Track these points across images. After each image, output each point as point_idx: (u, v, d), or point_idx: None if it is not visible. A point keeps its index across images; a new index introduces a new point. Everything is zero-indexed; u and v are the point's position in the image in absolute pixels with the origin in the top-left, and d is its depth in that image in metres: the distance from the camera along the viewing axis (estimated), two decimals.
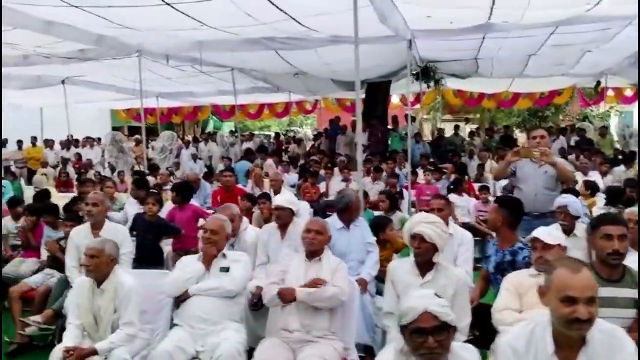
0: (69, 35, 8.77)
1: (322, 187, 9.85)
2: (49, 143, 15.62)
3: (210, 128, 28.44)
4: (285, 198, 4.82)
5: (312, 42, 9.47)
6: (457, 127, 16.51)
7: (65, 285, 5.01)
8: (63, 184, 10.94)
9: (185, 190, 6.28)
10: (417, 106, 19.27)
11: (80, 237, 4.95)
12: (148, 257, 5.33)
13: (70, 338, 3.59)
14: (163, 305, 4.01)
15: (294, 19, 7.60)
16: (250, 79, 15.05)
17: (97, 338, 3.65)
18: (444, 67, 13.12)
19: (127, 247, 4.99)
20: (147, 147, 13.11)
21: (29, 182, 12.28)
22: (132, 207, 7.03)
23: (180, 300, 3.80)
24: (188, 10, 7.06)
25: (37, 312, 5.06)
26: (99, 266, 3.67)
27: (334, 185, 9.88)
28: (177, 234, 5.70)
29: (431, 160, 12.63)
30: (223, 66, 13.11)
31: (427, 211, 4.36)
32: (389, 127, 14.88)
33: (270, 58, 11.15)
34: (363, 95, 16.14)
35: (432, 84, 13.56)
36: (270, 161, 12.01)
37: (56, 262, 5.32)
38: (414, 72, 13.45)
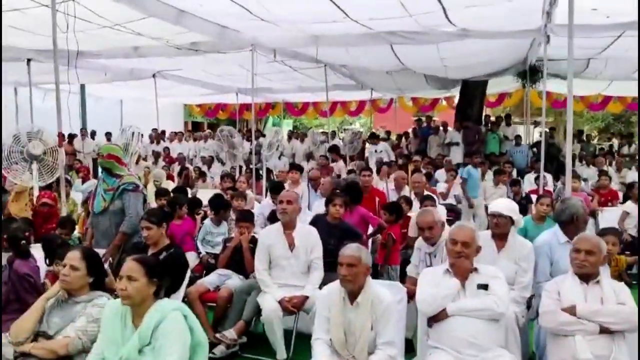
0: (195, 26, 8.52)
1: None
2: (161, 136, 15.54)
3: (269, 125, 28.24)
4: (505, 204, 4.33)
5: (436, 36, 9.02)
6: (552, 130, 15.79)
7: (250, 289, 4.68)
8: (169, 178, 10.70)
9: (355, 192, 5.86)
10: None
11: (271, 237, 4.60)
12: (330, 263, 4.92)
13: (322, 356, 3.22)
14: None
15: (444, 9, 7.15)
16: (338, 75, 14.69)
17: (346, 355, 3.27)
18: (552, 67, 12.44)
19: (318, 251, 4.62)
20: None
21: None
22: (266, 207, 6.72)
23: (435, 320, 3.38)
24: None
25: (218, 318, 4.73)
26: (357, 276, 3.29)
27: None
28: (359, 239, 5.24)
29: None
30: (319, 61, 12.73)
31: None
32: (487, 128, 14.24)
33: (375, 53, 10.74)
34: (456, 94, 15.68)
35: (537, 84, 12.99)
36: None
37: (234, 262, 4.99)
38: (519, 71, 12.94)
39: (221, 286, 4.88)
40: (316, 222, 5.14)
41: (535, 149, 13.09)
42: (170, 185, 8.90)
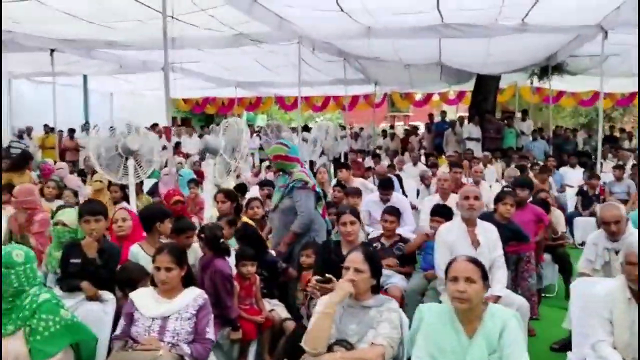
0: (259, 16, 8.20)
1: None
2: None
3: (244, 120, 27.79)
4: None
5: (494, 30, 9.04)
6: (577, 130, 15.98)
7: (423, 290, 4.50)
8: (199, 175, 10.25)
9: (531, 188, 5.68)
10: None
11: (453, 235, 4.41)
12: None
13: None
14: None
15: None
16: (352, 70, 14.57)
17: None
18: (573, 63, 12.76)
19: (500, 249, 4.46)
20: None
21: None
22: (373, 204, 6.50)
23: None
24: None
25: None
26: None
27: None
28: (526, 241, 5.10)
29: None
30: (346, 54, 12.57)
31: None
32: (504, 122, 14.42)
33: (413, 46, 10.68)
34: (470, 88, 15.79)
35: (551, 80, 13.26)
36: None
37: None
38: (540, 67, 13.16)
39: (386, 286, 4.67)
40: (482, 219, 4.98)
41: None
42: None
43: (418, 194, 8.78)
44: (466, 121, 14.42)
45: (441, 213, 4.98)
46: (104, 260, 3.55)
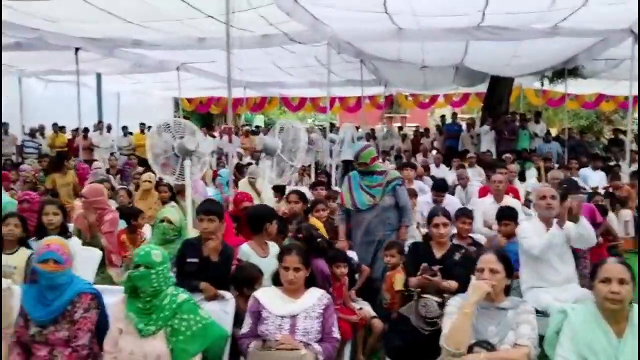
0: (297, 16, 8.21)
1: None
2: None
3: (242, 121, 27.71)
4: None
5: (524, 33, 9.13)
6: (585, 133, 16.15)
7: None
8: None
9: None
10: None
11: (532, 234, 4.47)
12: None
13: None
14: None
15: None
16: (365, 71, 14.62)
17: None
18: (588, 66, 12.91)
19: None
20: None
21: None
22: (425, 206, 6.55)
23: None
24: None
25: None
26: None
27: None
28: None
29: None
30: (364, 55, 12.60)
31: None
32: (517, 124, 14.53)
33: (438, 48, 10.75)
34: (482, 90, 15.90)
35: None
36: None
37: None
38: (555, 70, 13.30)
39: None
40: None
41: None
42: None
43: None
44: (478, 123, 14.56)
45: (509, 216, 5.05)
46: (222, 259, 3.55)
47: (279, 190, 7.00)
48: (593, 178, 10.60)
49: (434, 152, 14.40)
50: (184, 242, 3.71)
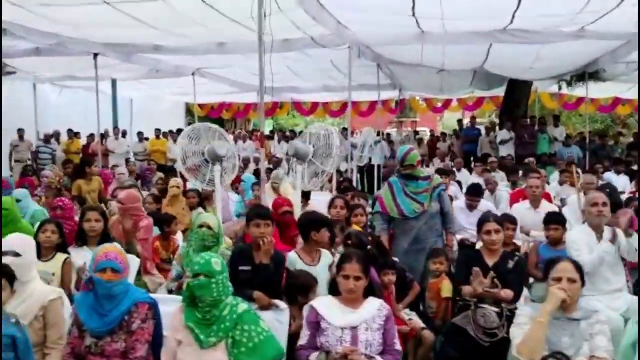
0: (322, 20, 8.13)
1: None
2: (173, 135, 14.67)
3: (252, 126, 27.69)
4: None
5: (548, 36, 9.01)
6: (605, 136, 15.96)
7: None
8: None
9: None
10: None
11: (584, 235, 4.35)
12: None
13: None
14: None
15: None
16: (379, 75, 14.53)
17: None
18: (609, 69, 12.78)
19: None
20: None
21: None
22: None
23: None
24: None
25: None
26: None
27: None
28: None
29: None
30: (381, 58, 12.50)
31: None
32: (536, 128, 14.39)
33: (459, 52, 10.65)
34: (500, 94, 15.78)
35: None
36: None
37: None
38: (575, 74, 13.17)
39: None
40: None
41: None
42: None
43: None
44: (497, 127, 14.43)
45: (556, 220, 4.92)
46: (274, 264, 3.44)
47: (303, 195, 6.92)
48: (617, 182, 10.46)
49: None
50: (235, 250, 3.61)
